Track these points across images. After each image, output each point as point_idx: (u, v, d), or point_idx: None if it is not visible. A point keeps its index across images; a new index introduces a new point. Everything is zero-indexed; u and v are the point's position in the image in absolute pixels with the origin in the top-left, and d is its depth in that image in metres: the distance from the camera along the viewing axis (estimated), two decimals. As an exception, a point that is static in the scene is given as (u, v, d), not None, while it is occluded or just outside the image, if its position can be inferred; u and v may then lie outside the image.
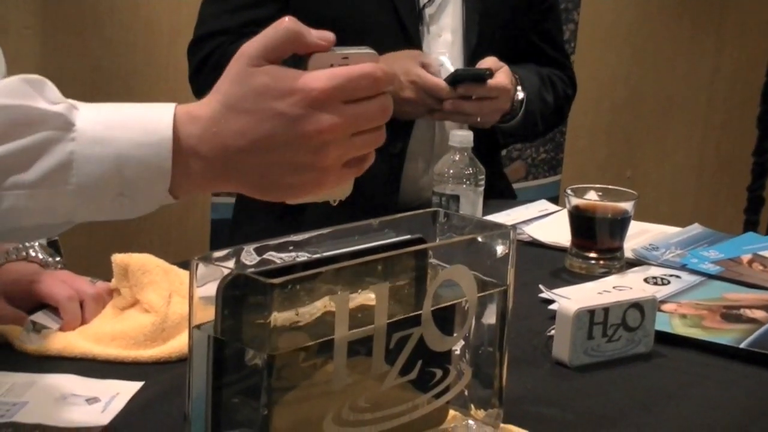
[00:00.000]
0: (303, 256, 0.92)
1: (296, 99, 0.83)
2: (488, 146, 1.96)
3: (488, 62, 1.79)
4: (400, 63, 1.75)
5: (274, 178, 0.86)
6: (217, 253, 0.88)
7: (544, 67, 2.02)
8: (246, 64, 0.85)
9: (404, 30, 1.83)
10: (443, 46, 1.88)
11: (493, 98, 1.78)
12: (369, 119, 0.85)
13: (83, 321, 1.18)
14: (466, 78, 1.76)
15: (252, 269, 0.88)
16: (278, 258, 0.91)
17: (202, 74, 1.87)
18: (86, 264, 1.40)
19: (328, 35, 0.86)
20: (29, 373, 1.07)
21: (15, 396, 1.02)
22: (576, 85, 2.10)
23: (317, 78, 0.83)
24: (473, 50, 1.87)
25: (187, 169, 0.85)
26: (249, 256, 0.90)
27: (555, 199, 2.00)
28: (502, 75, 1.79)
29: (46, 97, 0.83)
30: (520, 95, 1.86)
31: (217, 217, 2.64)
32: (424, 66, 1.76)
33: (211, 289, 0.85)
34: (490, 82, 1.76)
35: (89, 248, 2.13)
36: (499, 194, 2.04)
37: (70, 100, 0.85)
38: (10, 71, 1.30)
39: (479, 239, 1.00)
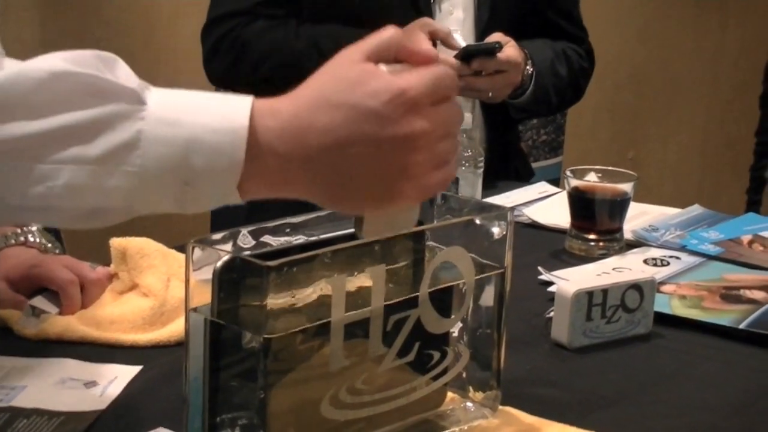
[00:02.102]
0: (300, 239, 0.92)
1: (391, 98, 0.77)
2: (504, 122, 1.96)
3: (495, 37, 1.79)
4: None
5: (354, 184, 0.78)
6: (214, 236, 0.88)
7: (559, 41, 2.01)
8: (343, 60, 0.79)
9: (416, 6, 1.82)
10: (455, 24, 1.87)
11: (504, 72, 1.77)
12: (452, 123, 0.80)
13: (83, 305, 1.18)
14: (478, 53, 1.75)
15: (248, 252, 0.88)
16: (274, 241, 0.91)
17: (218, 57, 1.86)
18: (86, 248, 1.40)
19: (432, 52, 0.79)
20: (27, 357, 1.08)
21: (13, 380, 1.02)
22: (594, 59, 2.09)
23: (411, 78, 0.78)
24: (485, 27, 1.86)
25: (260, 165, 0.76)
26: (245, 239, 0.90)
27: (556, 182, 1.99)
28: (511, 48, 1.78)
29: (117, 74, 0.77)
30: (530, 69, 1.85)
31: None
32: (432, 34, 1.74)
33: (208, 272, 0.85)
34: (500, 55, 1.75)
35: (89, 233, 2.13)
36: (515, 172, 2.03)
37: (143, 81, 0.79)
38: (10, 54, 1.29)
39: (477, 221, 1.00)
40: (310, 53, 1.77)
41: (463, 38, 1.82)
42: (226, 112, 0.76)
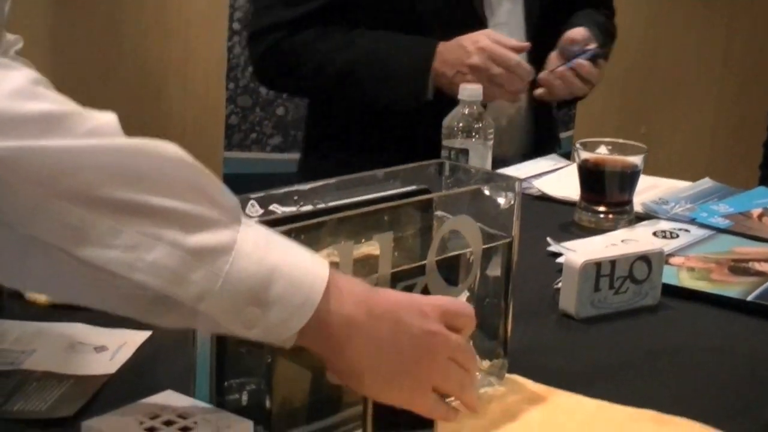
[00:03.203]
0: (307, 207, 0.92)
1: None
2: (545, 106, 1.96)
3: (579, 33, 1.79)
4: (469, 36, 1.75)
5: (395, 360, 0.83)
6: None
7: (598, 12, 2.00)
8: (424, 307, 0.86)
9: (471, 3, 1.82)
10: (505, 15, 1.87)
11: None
12: (464, 350, 0.88)
13: None
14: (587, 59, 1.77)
15: (256, 219, 0.88)
16: (282, 210, 0.91)
17: (268, 66, 1.87)
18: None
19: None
20: (38, 322, 1.08)
21: (23, 344, 1.03)
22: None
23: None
24: (535, 19, 1.87)
25: (324, 317, 0.80)
26: (252, 208, 0.90)
27: (567, 156, 1.99)
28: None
29: (219, 185, 0.79)
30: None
31: (228, 172, 2.64)
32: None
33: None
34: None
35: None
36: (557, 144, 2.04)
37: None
38: (21, 31, 1.29)
39: (484, 191, 1.00)
40: (358, 66, 1.78)
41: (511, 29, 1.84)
42: (310, 258, 0.80)
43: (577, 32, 1.79)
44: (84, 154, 0.72)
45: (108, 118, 0.74)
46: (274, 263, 0.77)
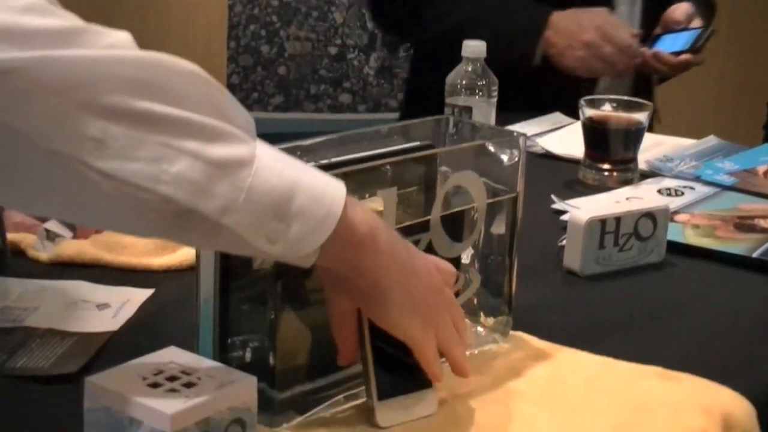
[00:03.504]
0: (310, 163, 0.91)
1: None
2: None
3: (683, 9, 1.79)
4: (586, 11, 1.78)
5: (406, 275, 0.85)
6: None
7: None
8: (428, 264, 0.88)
9: None
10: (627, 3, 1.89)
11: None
12: (459, 309, 0.91)
13: (97, 230, 1.18)
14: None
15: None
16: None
17: (389, 9, 1.90)
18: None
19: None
20: (40, 279, 1.08)
21: (26, 301, 1.03)
22: None
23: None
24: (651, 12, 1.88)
25: (348, 227, 0.80)
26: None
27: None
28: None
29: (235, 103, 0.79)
30: None
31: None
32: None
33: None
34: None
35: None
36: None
37: None
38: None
39: (489, 146, 0.99)
40: (479, 18, 1.78)
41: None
42: (327, 176, 0.80)
43: (680, 10, 1.80)
44: (102, 64, 0.71)
45: (124, 35, 0.74)
46: (295, 177, 0.77)
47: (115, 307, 1.03)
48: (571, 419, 0.88)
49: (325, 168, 0.88)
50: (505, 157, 1.00)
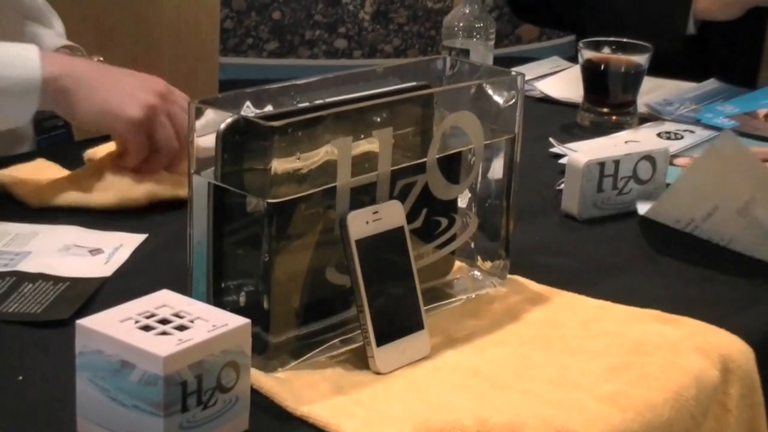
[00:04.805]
0: (304, 103, 0.90)
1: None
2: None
3: None
4: None
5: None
6: (217, 98, 0.86)
7: None
8: None
9: None
10: None
11: None
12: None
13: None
14: None
15: (253, 115, 0.86)
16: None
17: None
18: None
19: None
20: (32, 224, 1.07)
21: (18, 246, 1.02)
22: None
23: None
24: None
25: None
26: (249, 110, 0.87)
27: (569, 60, 1.95)
28: None
29: None
30: None
31: (224, 78, 2.61)
32: None
33: (211, 140, 0.84)
34: None
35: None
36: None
37: None
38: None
39: (486, 87, 0.98)
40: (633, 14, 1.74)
41: None
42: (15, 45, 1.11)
43: None
44: None
45: None
46: None
47: (107, 252, 1.02)
48: (568, 361, 0.88)
49: (320, 108, 0.86)
50: (502, 99, 0.98)
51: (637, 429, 0.81)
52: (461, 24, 1.51)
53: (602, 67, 1.47)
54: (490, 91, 0.98)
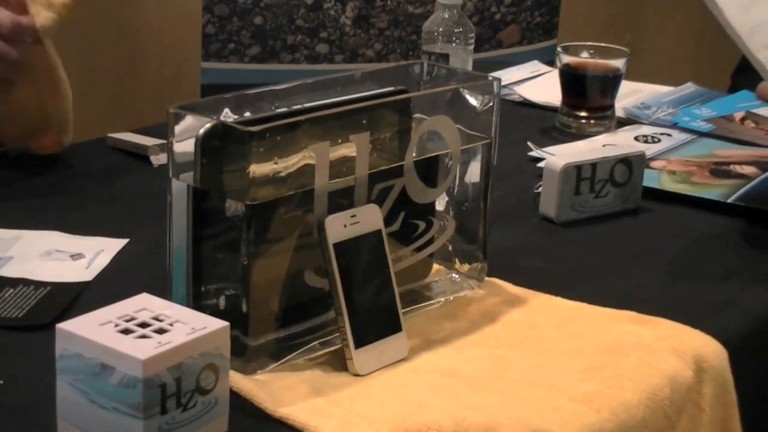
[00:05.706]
0: (282, 109, 0.91)
1: None
2: None
3: None
4: None
5: None
6: (196, 103, 0.87)
7: None
8: None
9: None
10: None
11: None
12: None
13: None
14: None
15: (232, 120, 0.87)
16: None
17: None
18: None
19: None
20: (12, 229, 1.07)
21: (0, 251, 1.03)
22: None
23: None
24: None
25: None
26: (228, 115, 0.88)
27: (549, 64, 1.96)
28: None
29: None
30: None
31: (206, 83, 2.61)
32: None
33: (190, 145, 0.84)
34: None
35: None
36: None
37: None
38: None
39: (463, 91, 0.99)
40: None
41: None
42: None
43: None
44: None
45: None
46: None
47: (89, 257, 1.03)
48: (545, 362, 0.89)
49: (299, 113, 0.87)
50: (478, 103, 0.99)
51: (612, 429, 0.82)
52: (440, 29, 1.52)
53: (580, 72, 1.49)
54: (466, 96, 0.99)
